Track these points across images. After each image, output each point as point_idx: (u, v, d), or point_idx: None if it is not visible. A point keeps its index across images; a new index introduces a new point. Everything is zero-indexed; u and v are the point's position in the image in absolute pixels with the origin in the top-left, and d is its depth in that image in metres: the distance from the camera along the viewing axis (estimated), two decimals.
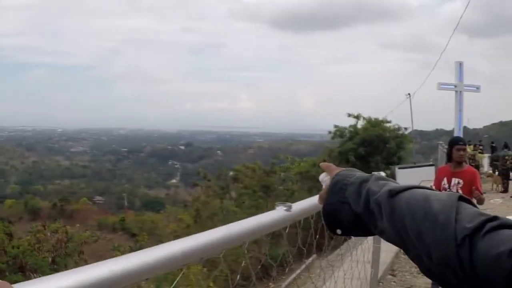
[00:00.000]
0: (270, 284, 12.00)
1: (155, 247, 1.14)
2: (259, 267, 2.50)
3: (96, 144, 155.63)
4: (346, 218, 1.21)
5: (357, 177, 1.22)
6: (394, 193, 1.10)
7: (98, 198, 69.29)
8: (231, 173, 28.16)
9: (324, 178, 1.33)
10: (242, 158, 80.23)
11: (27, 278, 13.79)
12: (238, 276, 1.69)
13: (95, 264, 0.96)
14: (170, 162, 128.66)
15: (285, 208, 1.68)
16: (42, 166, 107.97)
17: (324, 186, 1.31)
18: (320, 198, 1.30)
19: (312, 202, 1.88)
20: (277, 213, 1.51)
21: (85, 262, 15.62)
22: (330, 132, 27.42)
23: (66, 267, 15.92)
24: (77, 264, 16.23)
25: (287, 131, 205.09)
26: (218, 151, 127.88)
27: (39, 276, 0.86)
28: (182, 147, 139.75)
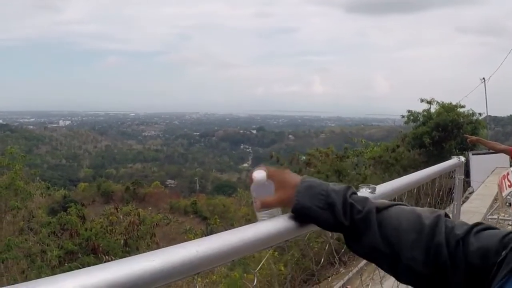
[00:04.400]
0: (341, 269, 11.71)
1: (243, 227, 1.18)
2: (330, 252, 2.36)
3: (168, 128, 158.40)
4: (326, 223, 1.26)
5: (333, 187, 1.28)
6: (382, 209, 1.24)
7: (170, 181, 70.47)
8: (303, 157, 27.85)
9: (260, 178, 1.33)
10: (314, 143, 79.64)
11: (99, 260, 13.95)
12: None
13: (182, 244, 1.00)
14: (242, 146, 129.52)
15: (369, 190, 1.71)
16: (114, 150, 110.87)
17: (258, 188, 1.33)
18: (269, 204, 1.32)
19: (393, 185, 2.05)
20: (361, 195, 1.33)
21: (157, 245, 15.66)
22: (403, 117, 27.01)
23: (138, 250, 16.07)
24: (148, 247, 16.35)
25: (359, 116, 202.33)
26: (290, 136, 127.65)
27: (111, 259, 0.90)
28: (254, 131, 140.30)
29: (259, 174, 1.34)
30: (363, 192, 1.69)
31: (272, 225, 1.27)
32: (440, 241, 1.13)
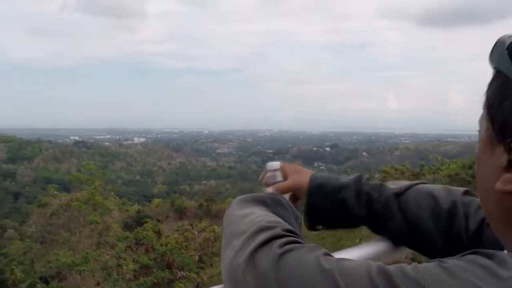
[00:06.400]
0: None
1: (340, 252, 1.20)
2: None
3: (241, 145, 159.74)
4: (340, 221, 1.31)
5: (343, 181, 1.32)
6: (400, 194, 1.27)
7: None
8: (377, 175, 27.50)
9: (275, 167, 1.38)
10: (388, 160, 78.29)
11: (173, 275, 14.18)
12: None
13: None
14: (315, 164, 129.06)
15: None
16: (188, 167, 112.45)
17: (271, 175, 1.38)
18: (282, 188, 1.34)
19: None
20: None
21: None
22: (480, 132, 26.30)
23: (211, 266, 16.25)
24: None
25: (433, 132, 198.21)
26: (364, 153, 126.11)
27: (186, 274, 0.90)
28: (328, 149, 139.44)
29: (272, 163, 1.40)
30: None
31: (371, 248, 1.29)
32: (458, 230, 1.18)
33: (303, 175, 1.35)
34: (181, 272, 14.86)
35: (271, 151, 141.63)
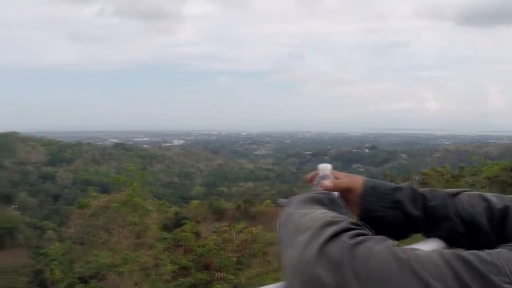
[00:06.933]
0: None
1: None
2: None
3: (279, 147, 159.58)
4: (393, 222, 1.28)
5: (397, 185, 1.33)
6: (453, 194, 1.28)
7: (281, 200, 70.81)
8: (416, 177, 27.17)
9: (327, 169, 1.40)
10: (428, 162, 77.32)
11: (211, 276, 14.23)
12: None
13: None
14: (354, 165, 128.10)
15: None
16: (226, 169, 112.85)
17: (323, 176, 1.37)
18: (337, 186, 1.34)
19: None
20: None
21: (269, 263, 15.76)
22: None
23: (249, 268, 16.26)
24: (261, 265, 16.50)
25: (474, 133, 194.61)
26: (403, 154, 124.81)
27: (224, 275, 0.93)
28: (367, 150, 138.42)
29: (324, 164, 1.40)
30: None
31: (426, 247, 1.25)
32: (511, 230, 1.19)
33: (355, 178, 1.38)
34: (219, 273, 14.91)
35: (309, 153, 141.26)
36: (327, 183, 1.34)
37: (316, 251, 0.90)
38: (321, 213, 1.05)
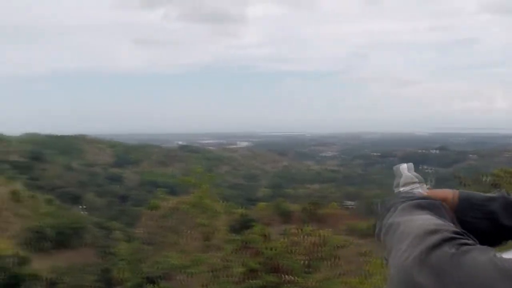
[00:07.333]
0: None
1: None
2: None
3: (345, 148, 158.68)
4: (485, 233, 1.25)
5: (490, 195, 1.32)
6: None
7: (348, 202, 70.22)
8: (487, 178, 26.41)
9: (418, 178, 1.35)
10: (498, 162, 75.19)
11: (280, 279, 14.19)
12: None
13: None
14: (420, 167, 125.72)
15: None
16: (292, 170, 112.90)
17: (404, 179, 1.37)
18: (435, 194, 1.31)
19: None
20: None
21: (338, 267, 15.60)
22: None
23: (319, 271, 16.13)
24: (330, 268, 16.36)
25: None
26: (471, 155, 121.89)
27: (292, 278, 0.96)
28: (435, 151, 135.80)
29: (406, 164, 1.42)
30: None
31: None
32: None
33: (445, 189, 1.36)
34: (288, 276, 14.86)
35: (377, 154, 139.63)
36: (424, 191, 1.33)
37: (418, 258, 0.91)
38: (426, 220, 1.04)
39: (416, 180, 1.36)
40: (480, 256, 0.88)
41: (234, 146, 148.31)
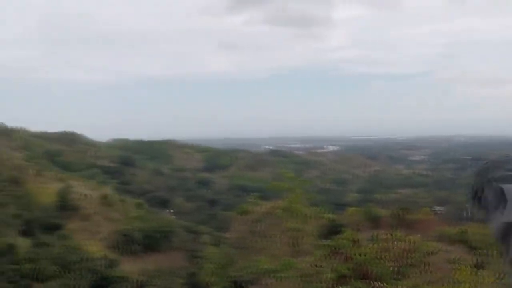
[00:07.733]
0: None
1: None
2: None
3: (435, 152, 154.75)
4: None
5: None
6: None
7: (437, 207, 68.55)
8: None
9: None
10: None
11: (369, 285, 14.24)
12: None
13: None
14: None
15: None
16: (382, 175, 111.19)
17: None
18: None
19: None
20: None
21: (429, 274, 15.45)
22: None
23: (408, 278, 16.01)
24: (420, 275, 16.20)
25: None
26: None
27: (383, 285, 0.89)
28: None
29: None
30: None
31: None
32: None
33: None
34: (377, 283, 14.86)
35: (468, 158, 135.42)
36: None
37: None
38: None
39: None
40: None
41: (322, 150, 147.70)
